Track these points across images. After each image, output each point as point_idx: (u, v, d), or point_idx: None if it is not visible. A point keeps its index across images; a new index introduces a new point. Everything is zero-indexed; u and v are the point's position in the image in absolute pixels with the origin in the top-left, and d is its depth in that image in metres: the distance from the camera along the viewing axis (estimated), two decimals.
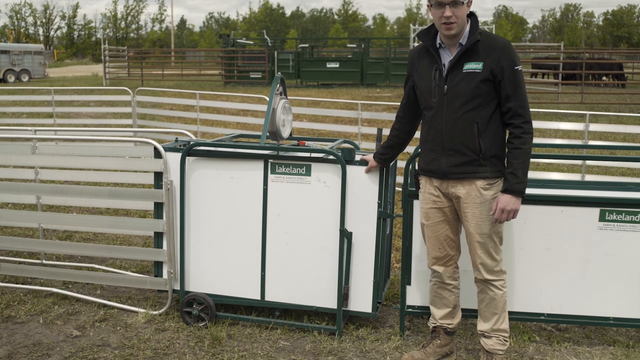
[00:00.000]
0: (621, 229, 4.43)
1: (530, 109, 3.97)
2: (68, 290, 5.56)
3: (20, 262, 6.23)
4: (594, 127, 9.49)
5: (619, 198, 4.48)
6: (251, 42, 42.32)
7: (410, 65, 4.17)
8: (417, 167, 4.29)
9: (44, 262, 6.27)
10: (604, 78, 31.31)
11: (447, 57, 3.95)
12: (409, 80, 4.17)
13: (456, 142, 3.90)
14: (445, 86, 3.91)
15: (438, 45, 3.98)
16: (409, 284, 4.72)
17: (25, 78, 40.30)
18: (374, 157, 4.49)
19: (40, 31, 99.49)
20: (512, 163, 3.83)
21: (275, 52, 33.59)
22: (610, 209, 4.42)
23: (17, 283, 5.75)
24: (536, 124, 8.82)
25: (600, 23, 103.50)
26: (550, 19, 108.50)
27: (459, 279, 4.34)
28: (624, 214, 4.41)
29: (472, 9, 3.93)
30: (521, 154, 3.81)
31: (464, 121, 3.87)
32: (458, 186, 3.97)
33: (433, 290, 4.35)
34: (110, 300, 5.37)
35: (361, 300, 4.71)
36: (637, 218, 4.41)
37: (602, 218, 4.44)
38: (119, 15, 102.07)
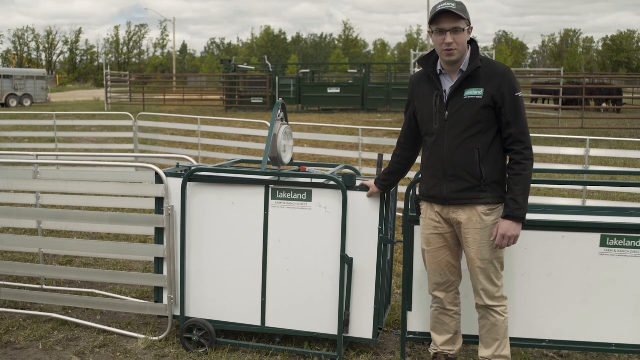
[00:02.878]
0: (622, 254, 4.42)
1: (531, 135, 3.99)
2: (68, 316, 5.54)
3: (20, 287, 6.21)
4: (595, 152, 9.51)
5: (620, 223, 4.47)
6: (252, 68, 42.59)
7: (411, 92, 4.19)
8: (418, 193, 4.29)
9: (44, 287, 6.25)
10: (604, 104, 31.40)
11: (447, 83, 3.97)
12: (410, 107, 4.19)
13: (457, 168, 3.91)
14: (447, 112, 3.93)
15: (439, 72, 4.00)
16: (410, 309, 4.70)
17: (27, 103, 40.49)
18: (375, 183, 4.49)
19: (43, 56, 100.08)
20: (512, 189, 3.84)
21: (277, 78, 33.76)
22: (612, 234, 4.41)
23: (16, 308, 5.72)
24: (537, 149, 8.83)
25: (600, 48, 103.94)
26: (550, 44, 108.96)
27: (460, 305, 4.33)
28: (625, 239, 4.41)
29: (472, 34, 3.97)
30: (522, 180, 3.83)
31: (465, 147, 3.88)
32: (459, 212, 3.98)
33: (434, 316, 4.34)
34: (110, 326, 5.34)
35: (362, 326, 4.68)
36: (638, 243, 4.39)
37: (603, 243, 4.43)
38: (121, 41, 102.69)
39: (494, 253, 3.99)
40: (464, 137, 3.89)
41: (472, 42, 3.97)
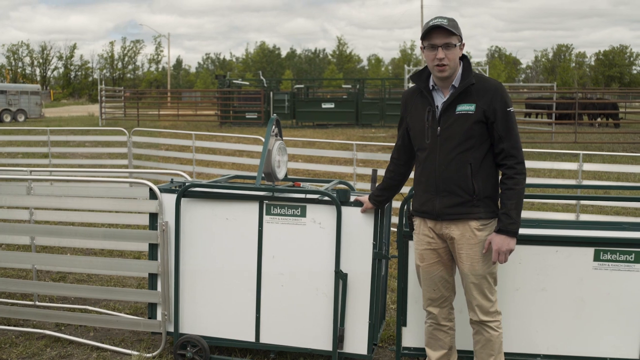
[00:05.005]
0: (616, 268, 4.43)
1: (524, 149, 4.01)
2: (61, 333, 5.52)
3: (12, 304, 6.17)
4: (588, 166, 9.53)
5: (613, 238, 4.48)
6: (247, 83, 42.63)
7: (403, 107, 4.20)
8: (411, 209, 4.30)
9: (37, 303, 6.22)
10: (598, 119, 31.55)
11: (440, 99, 3.99)
12: (403, 122, 4.20)
13: (450, 183, 3.92)
14: (439, 127, 3.94)
15: (431, 87, 4.02)
16: (405, 325, 4.69)
17: (21, 118, 40.42)
18: (369, 199, 4.49)
19: (37, 71, 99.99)
20: (505, 204, 3.85)
21: (271, 93, 33.83)
22: (605, 248, 4.42)
23: (9, 325, 5.69)
24: (530, 164, 8.87)
25: (592, 63, 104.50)
26: (543, 59, 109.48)
27: (454, 320, 4.32)
28: (618, 253, 4.42)
29: (466, 49, 3.98)
30: (514, 194, 3.84)
31: (458, 162, 3.89)
32: (452, 227, 3.98)
33: (428, 332, 4.33)
34: (103, 343, 5.32)
35: (357, 342, 4.67)
36: (631, 258, 4.41)
37: (596, 258, 4.44)
38: (116, 56, 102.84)
39: (488, 268, 3.99)
40: (456, 152, 3.90)
41: (464, 58, 3.99)
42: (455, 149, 3.89)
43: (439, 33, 3.84)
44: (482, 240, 3.93)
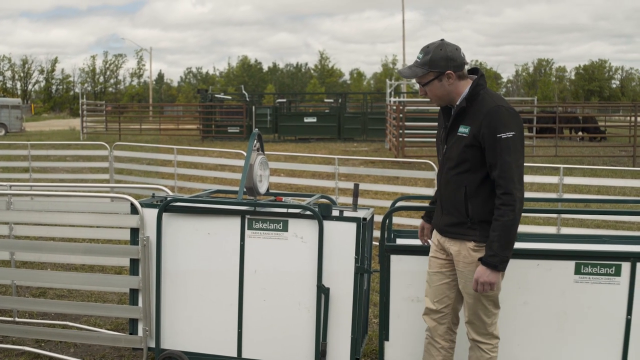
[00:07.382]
0: (597, 281, 4.45)
1: None
2: (41, 349, 5.46)
3: None
4: (569, 180, 9.60)
5: (594, 251, 4.51)
6: (229, 97, 42.65)
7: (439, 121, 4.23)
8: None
9: (17, 319, 6.15)
10: (580, 133, 31.83)
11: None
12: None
13: (448, 203, 3.98)
14: (445, 146, 3.97)
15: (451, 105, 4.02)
16: (387, 339, 4.68)
17: (1, 132, 40.09)
18: (422, 218, 4.50)
19: (18, 85, 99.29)
20: (490, 234, 3.76)
21: (253, 107, 33.82)
22: (586, 262, 4.44)
23: None
24: None
25: (573, 77, 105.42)
26: (524, 73, 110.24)
27: (453, 343, 4.24)
28: (599, 266, 4.44)
29: None
30: (498, 226, 3.71)
31: (454, 183, 3.91)
32: (452, 243, 4.00)
33: (425, 344, 4.29)
34: (84, 359, 5.27)
35: (339, 356, 4.66)
36: (612, 271, 4.43)
37: (577, 271, 4.46)
38: (98, 70, 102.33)
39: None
40: (453, 174, 3.90)
41: (478, 74, 3.90)
42: (452, 170, 3.91)
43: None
44: (476, 261, 3.87)
